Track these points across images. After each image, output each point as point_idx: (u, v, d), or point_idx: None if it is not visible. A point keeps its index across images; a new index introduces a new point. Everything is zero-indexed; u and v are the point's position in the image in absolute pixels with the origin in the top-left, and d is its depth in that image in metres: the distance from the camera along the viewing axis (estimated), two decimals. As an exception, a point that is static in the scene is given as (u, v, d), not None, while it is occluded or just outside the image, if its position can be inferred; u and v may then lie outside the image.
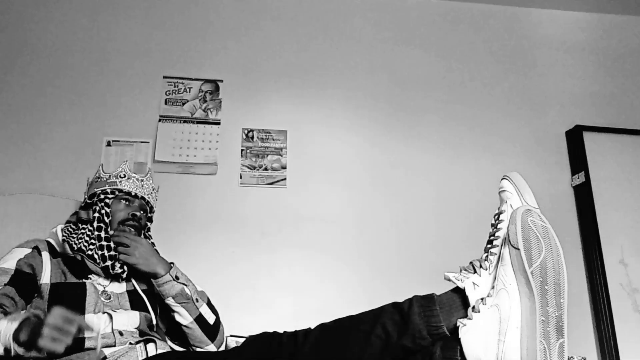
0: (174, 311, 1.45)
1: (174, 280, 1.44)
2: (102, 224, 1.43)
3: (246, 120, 2.51)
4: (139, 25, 2.58)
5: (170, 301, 1.44)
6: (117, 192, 1.48)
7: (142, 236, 1.52)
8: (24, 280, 1.30)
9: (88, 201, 1.50)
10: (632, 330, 2.38)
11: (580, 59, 2.86)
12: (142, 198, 1.53)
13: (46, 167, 2.31)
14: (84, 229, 1.43)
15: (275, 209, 2.40)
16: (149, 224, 1.56)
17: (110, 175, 1.51)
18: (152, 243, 1.53)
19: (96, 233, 1.42)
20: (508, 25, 2.85)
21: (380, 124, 2.60)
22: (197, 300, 1.46)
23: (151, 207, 1.57)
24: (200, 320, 1.46)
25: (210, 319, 1.49)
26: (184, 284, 1.45)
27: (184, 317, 1.45)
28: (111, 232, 1.45)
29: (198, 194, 2.37)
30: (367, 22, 2.75)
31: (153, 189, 1.58)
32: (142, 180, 1.54)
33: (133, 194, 1.50)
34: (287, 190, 2.43)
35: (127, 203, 1.50)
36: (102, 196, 1.47)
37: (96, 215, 1.44)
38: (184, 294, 1.44)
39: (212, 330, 1.49)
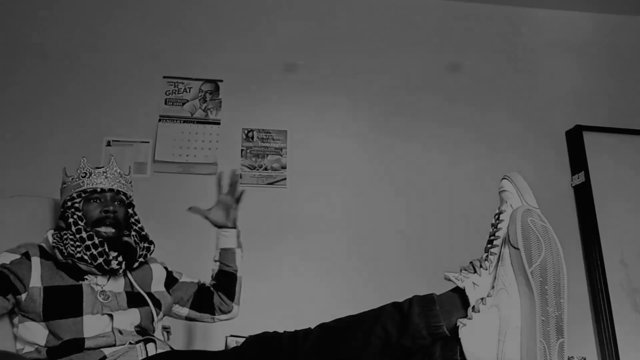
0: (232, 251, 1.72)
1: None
2: (80, 226, 1.40)
3: (246, 120, 2.51)
4: (140, 25, 2.58)
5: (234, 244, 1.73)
6: (82, 194, 1.45)
7: (127, 225, 1.49)
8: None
9: (61, 210, 1.48)
10: (632, 330, 2.38)
11: (580, 59, 2.86)
12: (110, 190, 1.47)
13: (46, 167, 2.31)
14: (66, 234, 1.41)
15: (275, 209, 2.40)
16: (129, 210, 1.52)
17: (72, 178, 1.47)
18: (141, 229, 1.50)
19: (78, 236, 1.39)
20: (508, 25, 2.85)
21: (380, 123, 2.60)
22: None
23: (124, 193, 1.51)
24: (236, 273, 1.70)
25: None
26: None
27: (237, 257, 1.72)
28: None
29: (198, 194, 2.37)
30: (367, 22, 2.75)
31: (120, 175, 1.51)
32: (105, 172, 1.48)
33: (99, 189, 1.45)
34: (287, 190, 2.43)
35: (96, 201, 1.45)
36: (69, 203, 1.44)
37: (70, 221, 1.41)
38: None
39: (237, 292, 1.69)
